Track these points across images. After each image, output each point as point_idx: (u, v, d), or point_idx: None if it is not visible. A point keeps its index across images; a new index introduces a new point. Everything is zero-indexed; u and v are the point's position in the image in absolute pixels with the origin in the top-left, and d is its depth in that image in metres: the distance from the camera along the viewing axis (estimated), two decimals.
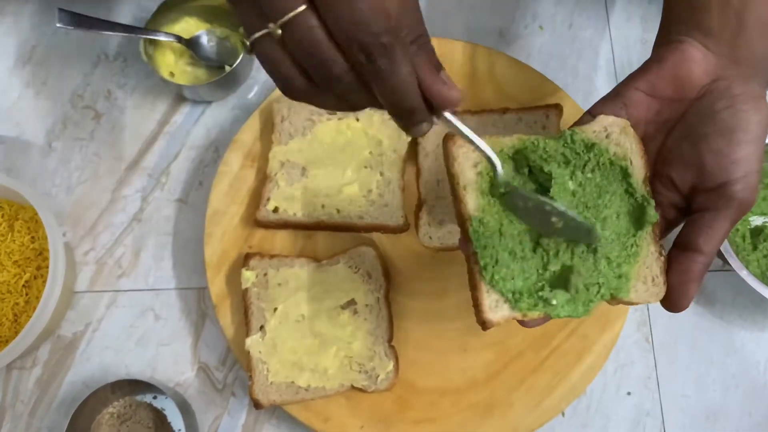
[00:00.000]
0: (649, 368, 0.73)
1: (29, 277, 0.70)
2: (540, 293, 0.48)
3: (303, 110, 0.72)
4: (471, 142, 0.44)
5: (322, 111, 0.72)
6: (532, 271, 0.49)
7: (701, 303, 0.75)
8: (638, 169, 0.50)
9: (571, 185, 0.50)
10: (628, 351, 0.73)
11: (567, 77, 0.81)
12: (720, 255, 0.70)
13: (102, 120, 0.80)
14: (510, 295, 0.48)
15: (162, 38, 0.76)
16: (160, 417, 0.70)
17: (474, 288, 0.49)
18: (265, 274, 0.68)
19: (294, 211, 0.70)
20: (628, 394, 0.72)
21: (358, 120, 0.72)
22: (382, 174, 0.71)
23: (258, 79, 0.81)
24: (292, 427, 0.71)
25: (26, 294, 0.70)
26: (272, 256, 0.69)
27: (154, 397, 0.71)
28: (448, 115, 0.42)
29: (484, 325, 0.48)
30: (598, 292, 0.49)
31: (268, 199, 0.70)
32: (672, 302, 0.49)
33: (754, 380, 0.73)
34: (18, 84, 0.81)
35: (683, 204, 0.49)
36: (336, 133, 0.72)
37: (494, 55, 0.76)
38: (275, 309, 0.67)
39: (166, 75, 0.77)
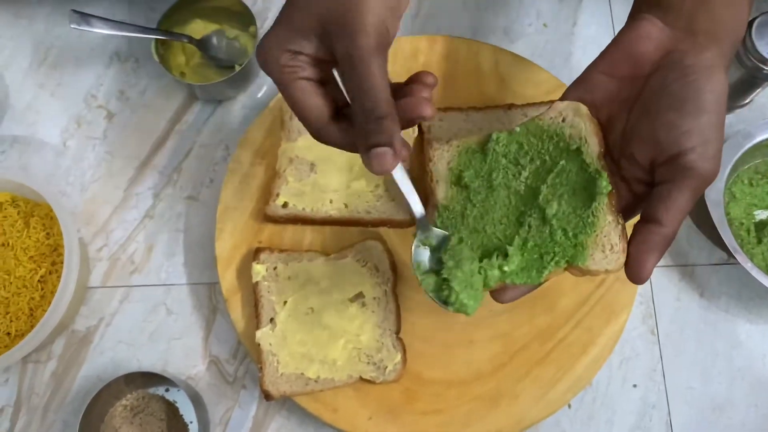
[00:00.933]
0: (654, 361, 0.74)
1: (44, 273, 0.71)
2: (497, 260, 0.54)
3: None
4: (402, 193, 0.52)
5: None
6: (491, 246, 0.55)
7: (706, 296, 0.76)
8: (593, 147, 0.53)
9: (525, 173, 0.56)
10: (634, 343, 0.74)
11: (571, 74, 0.82)
12: (725, 248, 0.71)
13: (114, 119, 0.81)
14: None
15: (174, 39, 0.78)
16: (172, 409, 0.71)
17: None
18: (275, 268, 0.69)
19: (303, 206, 0.71)
20: (634, 386, 0.73)
21: None
22: None
23: (267, 79, 0.82)
24: (302, 418, 0.72)
25: (41, 289, 0.71)
26: (282, 251, 0.70)
27: (167, 390, 0.72)
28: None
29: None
30: (552, 258, 0.53)
31: (278, 195, 0.71)
32: (631, 272, 0.49)
33: (759, 373, 0.74)
34: (33, 85, 0.83)
35: (648, 178, 0.50)
36: None
37: (498, 52, 0.78)
38: (285, 302, 0.68)
39: (177, 75, 0.79)
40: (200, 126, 0.81)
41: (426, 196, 0.56)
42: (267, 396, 0.66)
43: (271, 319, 0.68)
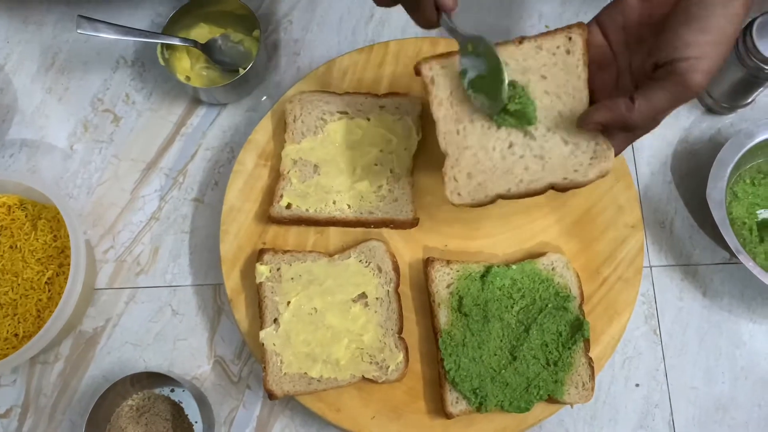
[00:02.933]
0: (657, 360, 0.74)
1: (51, 275, 0.72)
2: (490, 392, 0.65)
3: (315, 110, 0.74)
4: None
5: (334, 110, 0.74)
6: (486, 375, 0.66)
7: (709, 296, 0.76)
8: (577, 297, 0.68)
9: (516, 308, 0.68)
10: (636, 343, 0.74)
11: None
12: (727, 248, 0.71)
13: (121, 123, 0.82)
14: (467, 394, 0.65)
15: (178, 43, 0.79)
16: (177, 409, 0.72)
17: (440, 386, 0.66)
18: (279, 269, 0.70)
19: (306, 207, 0.72)
20: (637, 386, 0.73)
21: (369, 119, 0.74)
22: (392, 171, 0.73)
23: (271, 81, 0.83)
24: (305, 418, 0.72)
25: (49, 291, 0.72)
26: (285, 251, 0.71)
27: (172, 390, 0.73)
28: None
29: (448, 416, 0.65)
30: (537, 393, 0.65)
31: (281, 196, 0.72)
32: (582, 116, 0.56)
33: (763, 372, 0.74)
34: (41, 89, 0.84)
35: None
36: (347, 131, 0.74)
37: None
38: (288, 302, 0.69)
39: (182, 78, 0.80)
40: (205, 129, 0.82)
41: (443, 160, 0.60)
42: (271, 395, 0.67)
43: (275, 320, 0.69)
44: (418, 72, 0.60)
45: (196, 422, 0.72)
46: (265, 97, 0.83)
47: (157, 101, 0.83)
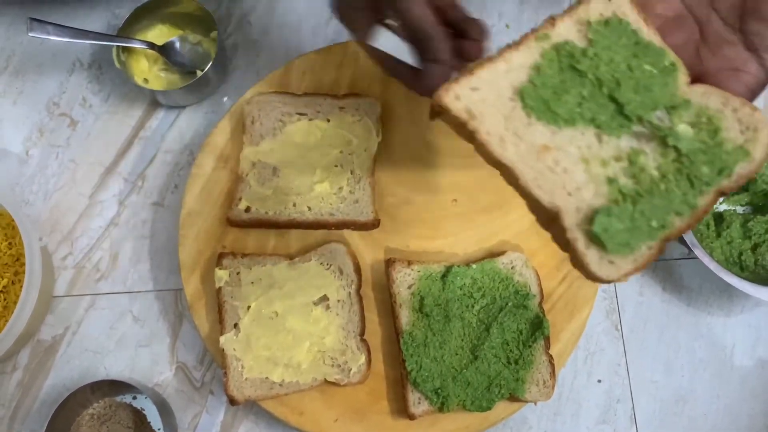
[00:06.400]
0: (618, 355, 0.75)
1: (7, 283, 0.71)
2: (451, 391, 0.65)
3: (273, 111, 0.74)
4: None
5: (293, 112, 0.74)
6: (448, 375, 0.66)
7: (668, 290, 0.77)
8: (537, 295, 0.68)
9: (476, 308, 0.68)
10: (598, 339, 0.75)
11: None
12: (685, 243, 0.72)
13: (78, 127, 0.81)
14: (429, 394, 0.65)
15: (135, 45, 0.77)
16: (139, 417, 0.71)
17: (403, 387, 0.66)
18: (238, 273, 0.69)
19: (266, 210, 0.71)
20: (599, 381, 0.74)
21: (328, 121, 0.74)
22: (352, 172, 0.73)
23: (231, 83, 0.82)
24: (270, 423, 0.72)
25: (4, 299, 0.71)
26: (245, 255, 0.70)
27: (134, 398, 0.72)
28: None
29: (410, 417, 0.65)
30: (499, 391, 0.66)
31: (240, 199, 0.71)
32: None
33: (721, 363, 0.75)
34: None
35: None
36: (306, 133, 0.73)
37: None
38: (248, 307, 0.68)
39: (140, 81, 0.79)
40: (164, 132, 0.81)
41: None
42: (232, 401, 0.66)
43: (235, 324, 0.68)
44: (437, 111, 0.42)
45: (159, 429, 0.71)
46: (225, 98, 0.82)
47: (114, 104, 0.82)
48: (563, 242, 0.40)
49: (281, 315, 0.68)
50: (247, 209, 0.71)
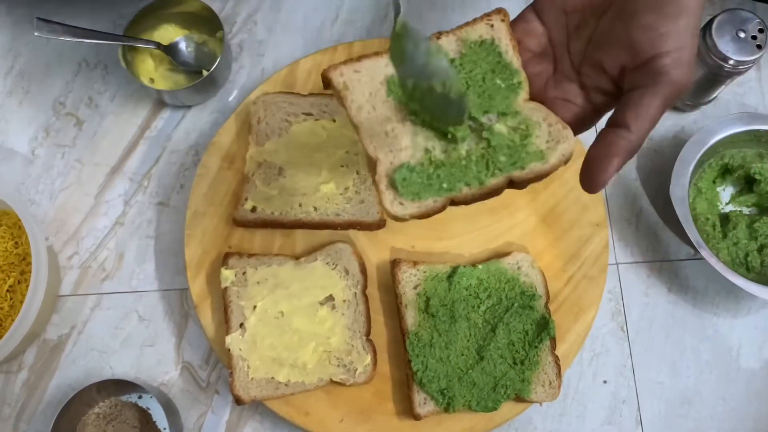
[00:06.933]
0: (624, 356, 0.74)
1: (13, 282, 0.71)
2: (457, 392, 0.65)
3: (279, 112, 0.74)
4: None
5: (298, 112, 0.74)
6: (454, 375, 0.66)
7: (674, 291, 0.77)
8: (543, 296, 0.69)
9: (482, 308, 0.68)
10: (604, 340, 0.75)
11: None
12: (691, 244, 0.72)
13: (84, 126, 0.81)
14: (435, 394, 0.65)
15: (141, 45, 0.77)
16: (145, 416, 0.71)
17: (408, 387, 0.67)
18: (244, 273, 0.69)
19: (272, 210, 0.71)
20: (604, 382, 0.74)
21: (334, 121, 0.74)
22: (358, 172, 0.73)
23: (236, 83, 0.82)
24: (275, 422, 0.72)
25: (10, 299, 0.71)
26: (251, 255, 0.70)
27: (139, 397, 0.72)
28: None
29: (416, 417, 0.66)
30: (505, 392, 0.66)
31: (246, 199, 0.71)
32: (590, 176, 0.46)
33: (727, 365, 0.75)
34: (1, 93, 0.82)
35: (612, 88, 0.48)
36: (311, 133, 0.73)
37: None
38: (254, 307, 0.68)
39: (146, 81, 0.79)
40: (170, 132, 0.81)
41: (373, 167, 0.51)
42: (238, 401, 0.66)
43: (241, 324, 0.68)
44: (327, 82, 0.51)
45: (164, 429, 0.71)
46: (231, 98, 0.82)
47: (120, 104, 0.82)
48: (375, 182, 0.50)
49: (287, 315, 0.68)
50: (253, 209, 0.71)
